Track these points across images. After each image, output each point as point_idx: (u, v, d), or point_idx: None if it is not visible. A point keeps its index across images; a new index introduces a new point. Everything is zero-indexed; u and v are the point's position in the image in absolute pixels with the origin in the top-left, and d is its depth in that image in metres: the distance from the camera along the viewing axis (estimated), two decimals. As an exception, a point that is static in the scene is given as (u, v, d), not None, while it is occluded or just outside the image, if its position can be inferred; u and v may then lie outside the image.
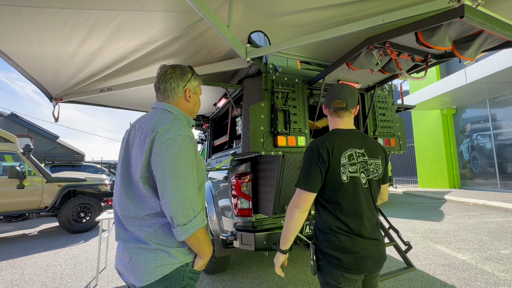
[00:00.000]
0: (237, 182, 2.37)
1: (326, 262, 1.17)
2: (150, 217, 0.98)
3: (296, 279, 2.93)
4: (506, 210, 6.06)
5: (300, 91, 2.17)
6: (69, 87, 2.62)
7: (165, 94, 1.14)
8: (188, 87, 1.16)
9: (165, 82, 1.13)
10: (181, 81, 1.14)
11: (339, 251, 1.15)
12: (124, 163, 1.05)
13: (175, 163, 0.93)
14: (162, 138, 0.96)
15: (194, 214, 0.94)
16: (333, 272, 1.15)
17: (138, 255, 0.96)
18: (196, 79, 1.21)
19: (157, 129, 0.98)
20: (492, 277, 2.78)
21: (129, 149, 1.05)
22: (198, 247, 0.99)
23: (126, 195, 1.01)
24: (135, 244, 0.97)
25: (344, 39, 1.84)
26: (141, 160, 0.98)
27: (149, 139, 0.97)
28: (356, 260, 1.14)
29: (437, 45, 1.36)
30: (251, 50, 1.85)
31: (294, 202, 1.19)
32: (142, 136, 1.00)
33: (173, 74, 1.13)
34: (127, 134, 1.09)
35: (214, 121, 3.67)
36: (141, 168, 0.98)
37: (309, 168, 1.18)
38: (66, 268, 3.64)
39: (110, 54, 2.07)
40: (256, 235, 2.19)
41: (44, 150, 9.05)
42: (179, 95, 1.15)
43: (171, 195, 0.91)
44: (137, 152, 1.00)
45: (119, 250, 1.03)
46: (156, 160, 0.94)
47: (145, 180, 0.98)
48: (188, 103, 1.18)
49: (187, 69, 1.18)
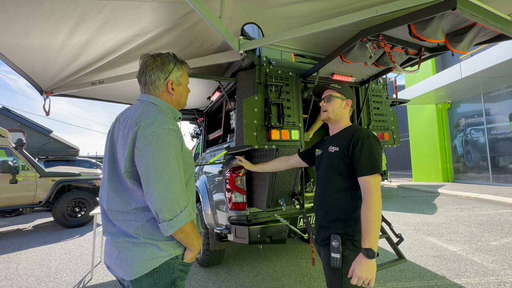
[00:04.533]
0: (231, 176, 2.36)
1: (354, 251, 1.19)
2: (137, 211, 0.97)
3: (291, 271, 2.97)
4: (497, 203, 6.18)
5: (294, 84, 2.16)
6: (59, 80, 2.56)
7: (146, 87, 1.09)
8: (170, 79, 1.09)
9: (145, 74, 1.07)
10: (162, 73, 1.07)
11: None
12: (109, 157, 1.03)
13: (159, 158, 0.91)
14: (145, 132, 0.93)
15: (180, 209, 0.93)
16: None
17: (126, 249, 0.95)
18: (180, 68, 1.12)
19: (140, 122, 0.95)
20: (481, 267, 2.85)
21: (114, 142, 1.02)
22: (186, 241, 0.98)
23: (112, 190, 1.00)
24: (123, 238, 0.97)
25: (338, 32, 1.82)
26: (124, 154, 0.96)
27: (131, 133, 0.95)
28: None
29: (430, 38, 1.35)
30: (244, 43, 1.83)
31: (379, 190, 1.15)
32: (125, 130, 0.97)
33: (153, 65, 1.07)
34: (112, 127, 1.06)
35: (208, 115, 3.64)
36: (125, 162, 0.96)
37: (380, 154, 1.22)
38: (61, 262, 3.63)
39: (101, 46, 2.03)
40: (250, 229, 2.21)
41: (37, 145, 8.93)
42: (160, 88, 1.09)
43: (155, 190, 0.89)
44: (121, 146, 0.98)
45: (107, 245, 1.02)
46: (140, 155, 0.92)
47: (130, 175, 0.97)
48: (172, 96, 1.12)
49: (169, 58, 1.10)
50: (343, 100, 1.41)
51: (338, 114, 1.41)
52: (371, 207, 1.12)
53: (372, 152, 1.20)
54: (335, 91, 1.42)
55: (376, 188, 1.15)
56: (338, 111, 1.40)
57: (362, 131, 1.28)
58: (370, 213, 1.11)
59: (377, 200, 1.12)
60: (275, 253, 3.57)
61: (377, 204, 1.12)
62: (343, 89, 1.42)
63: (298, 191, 2.30)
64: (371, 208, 1.12)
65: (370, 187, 1.15)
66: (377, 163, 1.18)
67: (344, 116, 1.42)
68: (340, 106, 1.41)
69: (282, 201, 2.19)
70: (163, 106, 1.09)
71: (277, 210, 2.32)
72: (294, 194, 2.28)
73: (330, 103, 1.41)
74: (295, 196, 2.28)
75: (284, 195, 2.22)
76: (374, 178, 1.17)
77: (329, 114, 1.41)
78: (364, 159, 1.20)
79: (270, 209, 2.21)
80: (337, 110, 1.40)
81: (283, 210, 2.26)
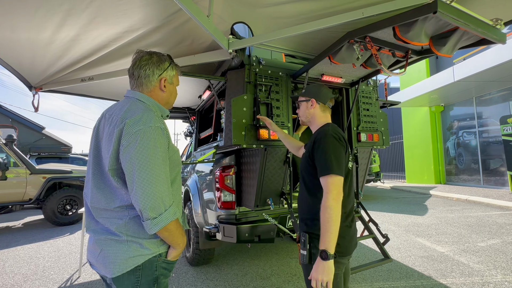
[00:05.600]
0: (220, 175, 2.36)
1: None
2: (121, 209, 0.97)
3: (280, 271, 2.98)
4: (487, 205, 6.28)
5: (284, 84, 2.17)
6: (48, 75, 2.54)
7: (138, 81, 1.09)
8: (164, 76, 1.10)
9: (140, 68, 1.07)
10: (157, 69, 1.08)
11: (338, 236, 1.17)
12: (94, 153, 1.03)
13: (144, 156, 0.91)
14: (131, 129, 0.92)
15: (165, 208, 0.93)
16: None
17: (108, 247, 0.95)
18: (174, 69, 1.15)
19: (126, 120, 0.95)
20: (467, 268, 2.89)
21: (99, 139, 1.02)
22: (170, 239, 0.98)
23: (96, 187, 0.99)
24: (106, 236, 0.96)
25: (328, 33, 1.84)
26: (109, 152, 0.96)
27: (117, 130, 0.94)
28: (349, 243, 1.23)
29: (414, 41, 1.37)
30: (233, 42, 1.83)
31: (336, 190, 1.11)
32: (111, 127, 0.97)
33: (149, 61, 1.08)
34: (97, 123, 1.06)
35: (200, 114, 3.64)
36: (109, 160, 0.95)
37: (338, 152, 1.18)
38: (50, 260, 3.59)
39: (90, 42, 2.01)
40: (238, 227, 2.21)
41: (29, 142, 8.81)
42: (153, 84, 1.09)
43: (139, 188, 0.89)
44: (106, 143, 0.98)
45: (90, 242, 1.02)
46: (125, 153, 0.92)
47: (114, 173, 0.96)
48: (163, 93, 1.12)
49: (165, 57, 1.13)
50: (308, 101, 1.43)
51: (307, 116, 1.42)
52: (325, 207, 1.10)
53: (327, 152, 1.17)
54: (300, 96, 1.48)
55: (332, 189, 1.12)
56: (306, 113, 1.43)
57: (321, 132, 1.27)
58: (325, 214, 1.09)
59: (332, 201, 1.09)
60: (265, 252, 3.58)
61: (331, 205, 1.09)
62: (306, 90, 1.45)
63: (286, 190, 2.31)
64: (325, 208, 1.10)
65: (326, 187, 1.14)
66: (330, 163, 1.15)
67: (315, 116, 1.41)
68: (306, 108, 1.43)
69: (270, 201, 2.20)
70: (151, 103, 1.08)
71: (265, 210, 2.33)
72: (282, 194, 2.29)
73: (299, 108, 1.48)
74: (283, 196, 2.29)
75: (273, 195, 2.23)
76: (330, 179, 1.13)
77: (301, 118, 1.47)
78: (319, 159, 1.19)
79: (258, 208, 2.21)
80: (304, 112, 1.44)
81: (271, 209, 2.27)
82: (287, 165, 2.17)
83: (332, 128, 1.29)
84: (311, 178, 1.27)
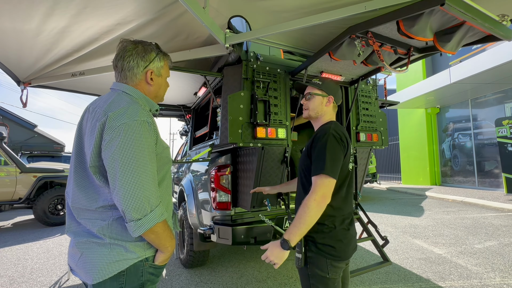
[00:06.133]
0: (216, 175, 2.29)
1: (316, 253, 1.15)
2: (104, 209, 0.89)
3: (276, 273, 2.91)
4: (482, 207, 6.30)
5: (282, 82, 2.10)
6: (37, 70, 2.44)
7: (122, 73, 1.01)
8: (150, 68, 1.02)
9: (123, 59, 1.00)
10: (142, 60, 1.00)
11: (333, 239, 1.15)
12: (77, 149, 0.95)
13: (127, 151, 0.83)
14: (114, 123, 0.85)
15: (151, 208, 0.85)
16: (323, 262, 1.14)
17: (89, 250, 0.88)
18: (162, 59, 1.06)
19: (109, 112, 0.87)
20: (465, 270, 2.86)
21: (82, 134, 0.95)
22: (157, 242, 0.91)
23: (77, 185, 0.92)
24: (87, 239, 0.89)
25: (327, 29, 1.78)
26: (91, 147, 0.88)
27: (99, 123, 0.87)
28: (346, 247, 1.18)
29: (418, 36, 1.32)
30: (230, 36, 1.76)
31: (322, 193, 1.06)
32: (93, 120, 0.90)
33: (133, 51, 0.99)
34: (81, 117, 0.98)
35: (196, 112, 3.56)
36: (90, 156, 0.88)
37: (335, 153, 1.12)
38: (38, 262, 3.47)
39: (80, 34, 1.93)
40: (233, 229, 2.14)
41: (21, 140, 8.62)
42: (138, 77, 1.01)
43: (122, 187, 0.82)
44: (88, 139, 0.90)
45: (70, 245, 0.94)
46: (107, 148, 0.84)
47: (96, 170, 0.89)
48: (150, 86, 1.04)
49: (151, 47, 1.04)
50: (325, 97, 1.34)
51: (319, 112, 1.33)
52: (305, 205, 1.07)
53: (324, 151, 1.11)
54: (315, 88, 1.35)
55: (318, 190, 1.07)
56: (319, 109, 1.33)
57: (322, 129, 1.20)
58: (302, 209, 1.07)
59: (313, 202, 1.05)
60: (261, 254, 3.50)
61: (311, 205, 1.05)
62: (324, 85, 1.34)
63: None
64: (304, 206, 1.07)
65: (313, 186, 1.09)
66: (324, 162, 1.09)
67: (326, 113, 1.34)
68: (321, 103, 1.33)
69: (267, 201, 2.14)
70: (138, 96, 1.01)
71: (262, 211, 2.26)
72: (279, 194, 2.23)
73: (310, 101, 1.35)
74: (280, 196, 2.22)
75: (270, 195, 2.16)
76: (320, 179, 1.08)
77: (309, 112, 1.35)
78: (315, 158, 1.14)
79: (255, 209, 2.14)
80: (317, 108, 1.33)
81: (268, 210, 2.20)
82: (284, 164, 2.10)
83: (335, 126, 1.21)
84: (308, 179, 1.21)
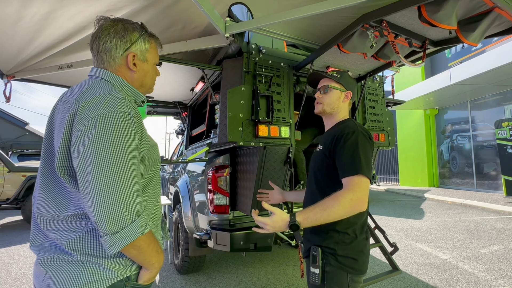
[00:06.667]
0: (213, 176, 2.14)
1: (336, 267, 1.01)
2: (76, 219, 0.73)
3: (276, 280, 2.76)
4: (482, 209, 6.23)
5: (286, 77, 1.96)
6: (21, 61, 2.26)
7: (98, 57, 0.85)
8: (132, 51, 0.86)
9: (99, 40, 0.83)
10: (121, 42, 0.84)
11: (355, 250, 1.03)
12: (46, 147, 0.79)
13: (102, 149, 0.68)
14: (86, 114, 0.70)
15: (132, 218, 0.69)
16: (343, 277, 1.01)
17: (55, 270, 0.71)
18: (147, 41, 0.89)
19: (81, 101, 0.72)
20: (473, 277, 2.74)
21: (53, 128, 0.79)
22: (141, 258, 0.75)
23: (44, 190, 0.76)
24: (53, 255, 0.73)
25: (337, 19, 1.64)
26: (58, 144, 0.73)
27: (69, 114, 0.71)
28: (367, 258, 1.08)
29: (443, 23, 1.18)
30: (231, 25, 1.61)
31: (361, 195, 0.93)
32: (64, 111, 0.74)
33: (111, 30, 0.83)
34: (53, 108, 0.82)
35: (192, 109, 3.39)
36: (57, 154, 0.72)
37: (368, 153, 1.02)
38: (24, 267, 3.28)
39: (66, 21, 1.76)
40: (232, 235, 1.99)
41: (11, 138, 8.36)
42: (117, 61, 0.85)
43: (94, 193, 0.66)
44: (57, 133, 0.75)
45: (35, 263, 0.78)
46: (77, 145, 0.69)
47: (65, 171, 0.73)
48: (133, 73, 0.88)
49: (134, 26, 0.87)
50: (342, 92, 1.21)
51: (335, 107, 1.20)
52: (337, 198, 0.92)
53: (355, 149, 1.00)
54: (333, 80, 1.21)
55: (357, 189, 0.93)
56: (335, 104, 1.20)
57: (348, 126, 1.09)
58: (332, 201, 0.92)
59: (349, 200, 0.91)
60: (260, 259, 3.36)
61: (346, 203, 0.91)
62: (343, 78, 1.21)
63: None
64: (336, 198, 0.92)
65: (351, 185, 0.95)
66: (359, 162, 0.97)
67: (342, 110, 1.22)
68: (338, 98, 1.21)
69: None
70: (120, 84, 0.85)
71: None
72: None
73: (326, 94, 1.21)
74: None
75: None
76: (357, 178, 0.95)
77: (324, 107, 1.21)
78: (345, 158, 1.00)
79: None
80: (334, 103, 1.20)
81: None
82: (287, 165, 1.96)
83: (360, 124, 1.11)
84: (327, 182, 1.07)
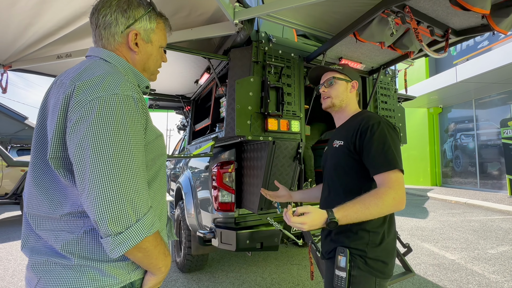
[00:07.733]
0: (218, 172, 2.05)
1: (365, 270, 0.94)
2: (72, 217, 0.64)
3: (281, 279, 2.69)
4: (487, 209, 6.15)
5: (297, 68, 1.86)
6: (18, 51, 2.16)
7: (97, 31, 0.75)
8: (134, 28, 0.76)
9: (98, 12, 0.73)
10: (123, 17, 0.73)
11: (384, 252, 0.96)
12: (38, 136, 0.69)
13: (102, 137, 0.58)
14: (83, 96, 0.60)
15: (137, 217, 0.60)
16: (371, 282, 0.94)
17: (49, 276, 0.62)
18: (153, 20, 0.79)
19: (77, 82, 0.62)
20: (483, 278, 2.66)
21: (46, 115, 0.69)
22: (147, 262, 0.66)
23: (36, 185, 0.66)
24: (46, 258, 0.63)
25: (353, 6, 1.53)
26: (51, 131, 0.63)
27: (63, 97, 0.61)
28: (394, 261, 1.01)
29: (476, 6, 1.08)
30: (240, 11, 1.51)
31: (403, 192, 0.89)
32: (58, 95, 0.64)
33: (113, 3, 0.73)
34: (46, 93, 0.72)
35: (196, 103, 3.29)
36: (50, 143, 0.63)
37: (398, 145, 0.98)
38: (22, 263, 3.20)
39: (64, 6, 1.65)
40: (238, 233, 1.90)
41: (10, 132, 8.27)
42: (117, 38, 0.75)
43: (94, 188, 0.57)
44: (50, 120, 0.65)
45: (27, 267, 0.69)
46: (72, 132, 0.59)
47: (59, 163, 0.63)
48: (134, 54, 0.78)
49: (140, 1, 0.77)
50: (348, 82, 1.16)
51: (344, 99, 1.15)
52: (380, 197, 0.87)
53: (385, 142, 0.95)
54: (337, 72, 1.17)
55: (398, 187, 0.89)
56: (344, 96, 1.15)
57: (371, 118, 1.03)
58: (375, 199, 0.86)
59: (392, 200, 0.86)
60: (264, 258, 3.28)
61: (389, 202, 0.86)
62: (346, 69, 1.18)
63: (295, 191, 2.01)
64: (379, 196, 0.87)
65: (390, 182, 0.90)
66: (393, 156, 0.93)
67: (351, 101, 1.18)
68: (345, 89, 1.16)
69: (277, 203, 1.90)
70: (121, 65, 0.75)
71: (271, 213, 2.02)
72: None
73: (332, 87, 1.16)
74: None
75: (279, 196, 1.92)
76: (395, 174, 0.91)
77: (333, 100, 1.16)
78: (376, 152, 0.94)
79: (263, 211, 1.90)
80: (342, 94, 1.15)
81: (278, 213, 1.96)
82: (297, 161, 1.86)
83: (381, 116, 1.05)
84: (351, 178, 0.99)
